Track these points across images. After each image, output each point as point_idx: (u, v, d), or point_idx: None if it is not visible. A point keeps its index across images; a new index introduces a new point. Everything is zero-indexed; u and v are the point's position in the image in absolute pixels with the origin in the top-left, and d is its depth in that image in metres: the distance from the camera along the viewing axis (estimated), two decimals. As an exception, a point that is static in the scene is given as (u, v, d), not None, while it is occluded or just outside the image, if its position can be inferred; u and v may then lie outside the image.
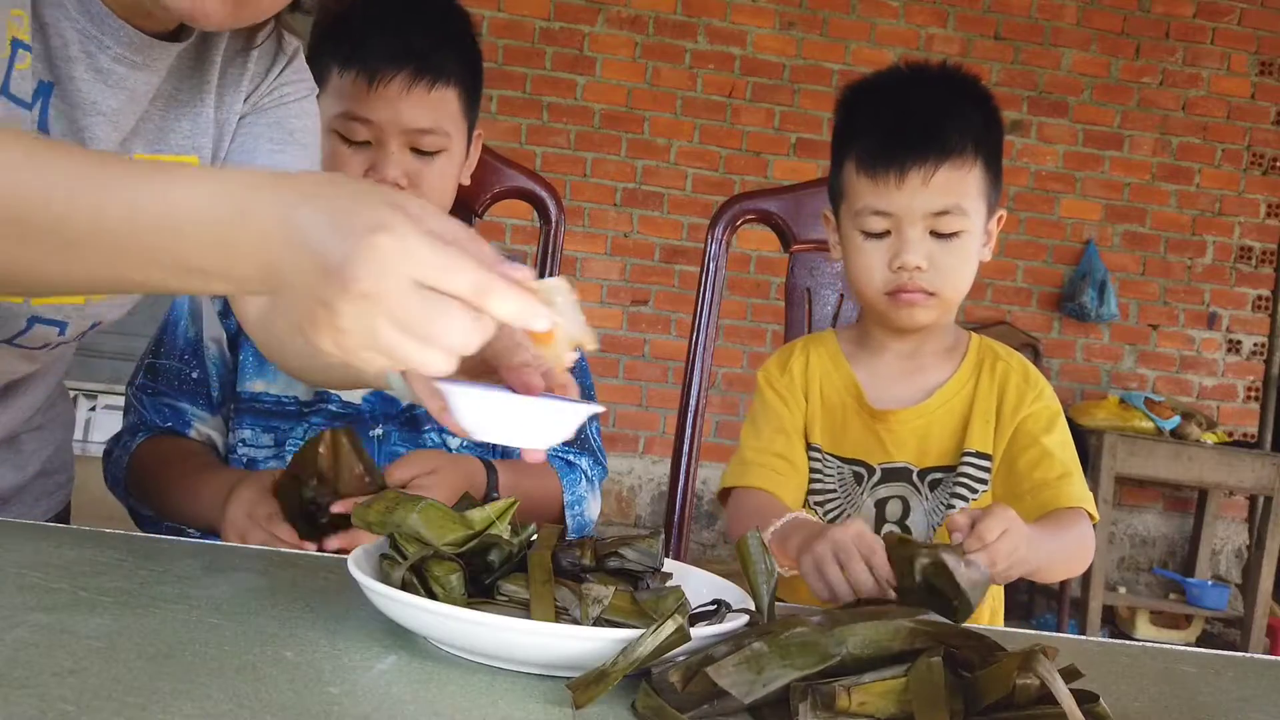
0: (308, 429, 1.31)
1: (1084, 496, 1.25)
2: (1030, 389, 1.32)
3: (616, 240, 4.36)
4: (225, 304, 1.31)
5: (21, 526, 0.99)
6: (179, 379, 1.33)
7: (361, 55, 1.24)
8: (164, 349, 1.34)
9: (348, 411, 1.31)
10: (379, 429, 1.31)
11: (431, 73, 1.26)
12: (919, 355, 1.36)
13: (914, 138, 1.26)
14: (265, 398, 1.31)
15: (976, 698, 0.64)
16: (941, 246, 1.26)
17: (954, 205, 1.26)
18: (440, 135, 1.27)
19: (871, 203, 1.27)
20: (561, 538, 0.89)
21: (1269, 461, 3.97)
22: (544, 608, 0.76)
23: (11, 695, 0.57)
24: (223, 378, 1.34)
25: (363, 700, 0.63)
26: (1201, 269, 4.60)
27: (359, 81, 1.25)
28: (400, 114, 1.25)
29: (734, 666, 0.65)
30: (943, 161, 1.25)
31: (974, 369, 1.35)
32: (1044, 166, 4.51)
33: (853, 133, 1.32)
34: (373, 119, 1.25)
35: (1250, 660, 1.03)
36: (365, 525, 0.84)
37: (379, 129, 1.25)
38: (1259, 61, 4.57)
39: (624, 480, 4.37)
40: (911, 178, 1.25)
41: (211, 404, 1.34)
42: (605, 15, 4.32)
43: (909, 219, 1.25)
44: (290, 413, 1.31)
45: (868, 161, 1.27)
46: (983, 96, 1.34)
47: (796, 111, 4.38)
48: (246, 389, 1.32)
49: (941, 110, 1.29)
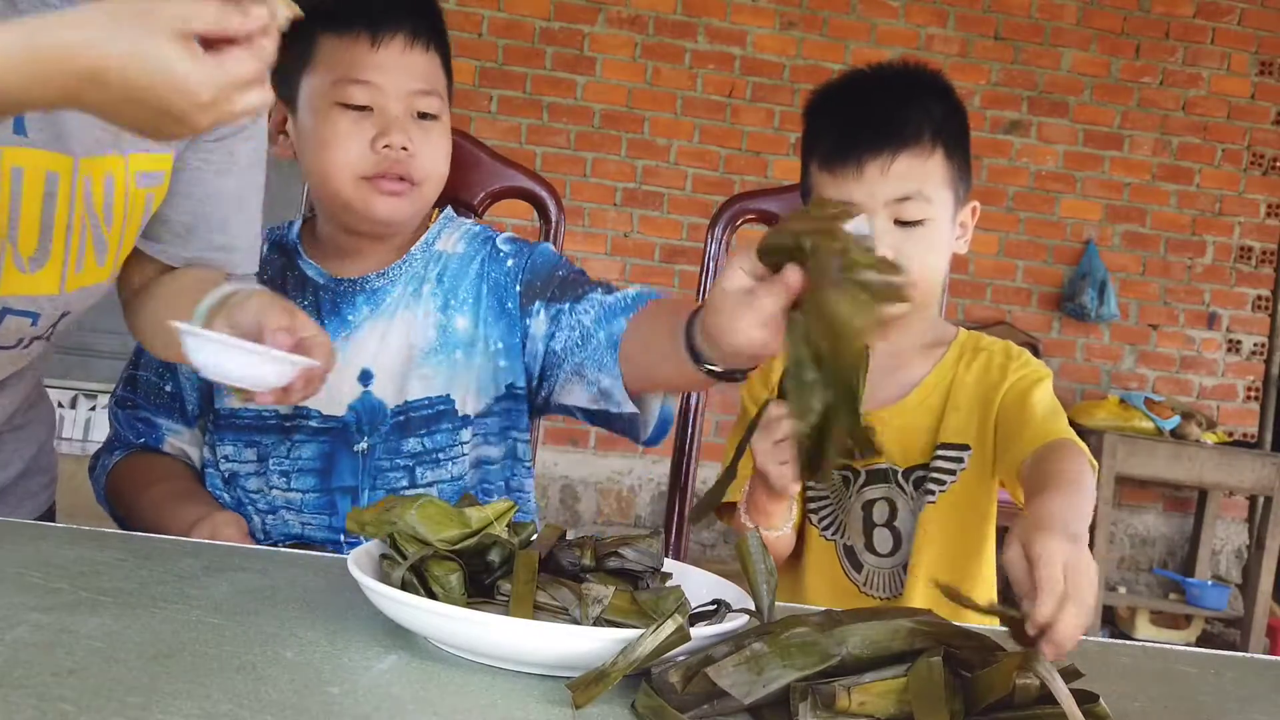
0: (291, 445, 1.27)
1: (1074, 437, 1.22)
2: (1012, 361, 1.32)
3: (616, 240, 4.36)
4: None
5: (21, 526, 0.99)
6: (155, 392, 1.31)
7: (357, 15, 1.22)
8: (143, 359, 1.33)
9: (330, 425, 1.26)
10: (364, 442, 1.27)
11: (425, 33, 1.25)
12: (898, 352, 1.35)
13: (870, 129, 1.26)
14: (245, 413, 1.27)
15: (976, 698, 0.64)
16: (906, 235, 1.25)
17: (915, 191, 1.25)
18: (435, 97, 1.25)
19: (832, 195, 1.27)
20: (562, 538, 0.89)
21: (1269, 461, 3.97)
22: (523, 608, 0.76)
23: (11, 695, 0.57)
24: (200, 390, 1.30)
25: (363, 700, 0.63)
26: (1201, 269, 4.60)
27: (360, 41, 1.22)
28: (402, 74, 1.23)
29: (734, 667, 0.65)
30: (900, 150, 1.25)
31: (953, 363, 1.35)
32: (1044, 166, 4.51)
33: (815, 134, 1.33)
34: (374, 80, 1.22)
35: (1250, 660, 1.03)
36: (360, 528, 0.84)
37: (380, 91, 1.22)
38: (1259, 61, 4.57)
39: (624, 480, 4.37)
40: (869, 168, 1.25)
41: (186, 418, 1.31)
42: (605, 15, 4.32)
43: (870, 209, 1.24)
44: (271, 427, 1.27)
45: (828, 158, 1.28)
46: (942, 89, 1.33)
47: (796, 112, 4.34)
48: (225, 405, 1.28)
49: (898, 103, 1.29)
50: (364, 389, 1.26)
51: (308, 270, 1.31)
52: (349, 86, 1.22)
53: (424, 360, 1.27)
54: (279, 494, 1.27)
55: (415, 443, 1.27)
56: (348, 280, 1.29)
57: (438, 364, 1.27)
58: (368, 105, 1.22)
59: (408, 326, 1.27)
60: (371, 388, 1.26)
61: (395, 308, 1.28)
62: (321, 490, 1.27)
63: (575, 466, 4.33)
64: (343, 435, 1.26)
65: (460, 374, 1.27)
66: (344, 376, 1.24)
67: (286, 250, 1.33)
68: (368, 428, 1.27)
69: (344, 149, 1.22)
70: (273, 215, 1.30)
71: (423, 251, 1.31)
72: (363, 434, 1.27)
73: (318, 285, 1.30)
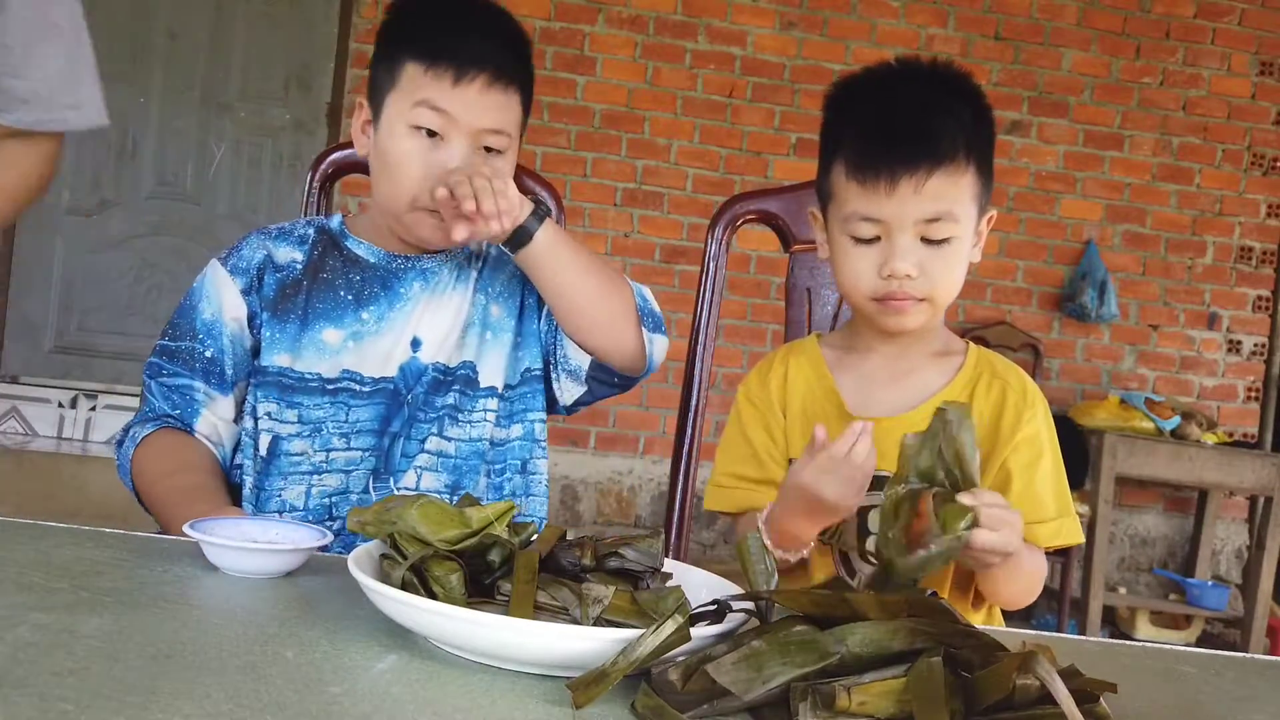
0: (347, 409, 1.34)
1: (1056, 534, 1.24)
2: (1028, 408, 1.29)
3: (617, 240, 4.36)
4: (248, 282, 1.36)
5: (21, 526, 0.99)
6: (192, 356, 1.35)
7: (447, 54, 1.30)
8: (179, 331, 1.37)
9: (382, 385, 1.36)
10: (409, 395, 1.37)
11: (507, 78, 1.33)
12: (907, 358, 1.33)
13: (904, 141, 1.22)
14: (290, 373, 1.34)
15: (976, 698, 0.64)
16: (932, 252, 1.23)
17: (946, 212, 1.22)
18: (505, 136, 1.34)
19: (861, 209, 1.24)
20: (562, 538, 0.89)
21: (1269, 462, 3.97)
22: (523, 608, 0.76)
23: (11, 695, 0.57)
24: (238, 357, 1.36)
25: (363, 700, 0.63)
26: (1202, 269, 4.60)
27: (443, 76, 1.30)
28: (477, 111, 1.31)
29: (733, 664, 0.65)
30: (935, 169, 1.21)
31: (969, 383, 1.31)
32: (1044, 166, 4.51)
33: (841, 133, 1.29)
34: (449, 110, 1.30)
35: (1250, 661, 1.03)
36: (360, 528, 0.84)
37: (453, 122, 1.30)
38: (1259, 62, 4.57)
39: (624, 480, 4.37)
40: (903, 186, 1.21)
41: (224, 382, 1.35)
42: (605, 15, 4.32)
43: (899, 226, 1.22)
44: (314, 389, 1.34)
45: (857, 166, 1.24)
46: (973, 92, 1.29)
47: (797, 111, 4.38)
48: (271, 363, 1.35)
49: (931, 110, 1.24)
50: (413, 354, 1.38)
51: (358, 250, 1.40)
52: (424, 110, 1.30)
53: (463, 334, 1.40)
54: (338, 455, 1.34)
55: (446, 398, 1.38)
56: (401, 257, 1.40)
57: (471, 338, 1.40)
58: (437, 132, 1.31)
59: (455, 304, 1.40)
60: (419, 353, 1.38)
61: (445, 287, 1.40)
62: (376, 449, 1.36)
63: (575, 466, 4.33)
64: (393, 394, 1.36)
65: (488, 351, 1.40)
66: (398, 341, 1.37)
67: (331, 234, 1.42)
68: (413, 382, 1.37)
69: (406, 174, 1.31)
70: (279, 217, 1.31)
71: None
72: (408, 388, 1.37)
73: (369, 263, 1.39)
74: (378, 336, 1.36)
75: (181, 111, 4.32)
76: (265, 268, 1.38)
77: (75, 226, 4.30)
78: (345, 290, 1.37)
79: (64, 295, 4.31)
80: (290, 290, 1.37)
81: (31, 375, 4.28)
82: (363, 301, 1.37)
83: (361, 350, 1.36)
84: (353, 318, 1.36)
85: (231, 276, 1.37)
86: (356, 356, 1.35)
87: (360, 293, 1.37)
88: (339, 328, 1.36)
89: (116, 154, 4.30)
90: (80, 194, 4.30)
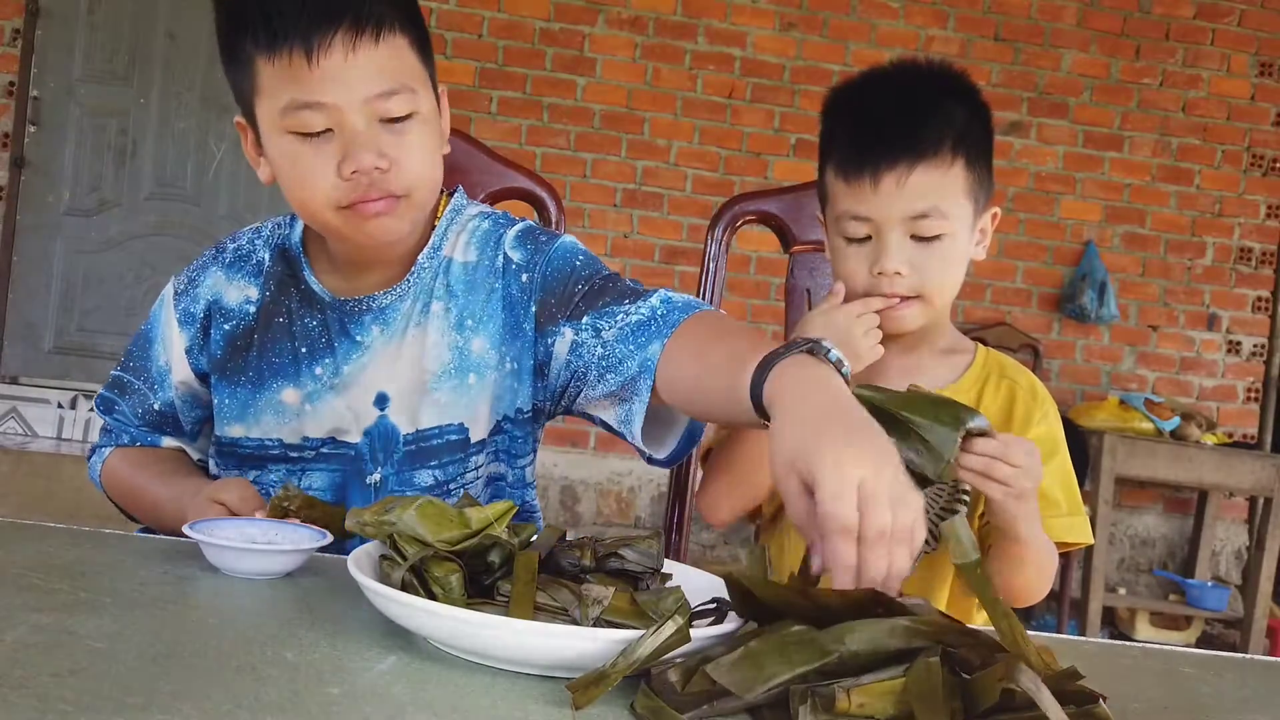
0: (302, 473, 1.21)
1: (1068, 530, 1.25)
2: (1038, 408, 1.29)
3: (616, 241, 4.36)
4: (192, 336, 1.22)
5: (21, 526, 0.99)
6: (142, 407, 1.25)
7: (285, 28, 1.04)
8: (133, 363, 1.26)
9: (343, 452, 1.19)
10: (376, 474, 1.19)
11: (373, 20, 1.05)
12: (915, 355, 1.33)
13: (887, 139, 1.22)
14: (246, 442, 1.21)
15: (974, 700, 0.64)
16: (923, 249, 1.23)
17: (932, 208, 1.22)
18: (402, 94, 1.08)
19: (849, 207, 1.24)
20: (561, 539, 0.89)
21: (1269, 463, 3.97)
22: (523, 608, 0.76)
23: (11, 695, 0.57)
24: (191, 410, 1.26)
25: (363, 700, 0.63)
26: (1201, 270, 4.60)
27: (295, 60, 1.04)
28: (353, 82, 1.05)
29: (733, 664, 0.65)
30: (917, 163, 1.21)
31: (978, 381, 1.32)
32: (1044, 167, 4.51)
33: (833, 136, 1.30)
34: (323, 99, 1.05)
35: (1250, 661, 1.03)
36: (360, 528, 0.83)
37: (336, 110, 1.05)
38: (1259, 62, 4.57)
39: (624, 480, 4.37)
40: (886, 181, 1.21)
41: (180, 430, 1.27)
42: (605, 16, 4.32)
43: (887, 223, 1.22)
44: (275, 457, 1.20)
45: (843, 164, 1.25)
46: (965, 90, 1.28)
47: (796, 112, 4.38)
48: (224, 433, 1.21)
49: (917, 107, 1.24)
50: (380, 413, 1.18)
51: (314, 287, 1.20)
52: (297, 113, 1.06)
53: (437, 384, 1.18)
54: None
55: (428, 474, 1.19)
56: (353, 300, 1.19)
57: (451, 389, 1.18)
58: (325, 128, 1.07)
59: (419, 346, 1.18)
60: (388, 411, 1.18)
61: (405, 326, 1.18)
62: None
63: (575, 467, 4.33)
64: (355, 464, 1.19)
65: (474, 398, 1.18)
66: (361, 401, 1.17)
67: (290, 259, 1.23)
68: (381, 455, 1.18)
69: (312, 184, 1.08)
70: (277, 213, 1.30)
71: (429, 259, 1.20)
72: (376, 464, 1.19)
73: (325, 304, 1.20)
74: (335, 394, 1.18)
75: (181, 112, 4.32)
76: (213, 316, 1.21)
77: (75, 227, 4.30)
78: (301, 340, 1.19)
79: (64, 296, 4.32)
80: (241, 343, 1.20)
81: (31, 376, 4.28)
82: (316, 355, 1.18)
83: (318, 413, 1.18)
84: (308, 374, 1.18)
85: (180, 328, 1.23)
86: (315, 421, 1.18)
87: (315, 343, 1.18)
88: (297, 387, 1.19)
89: (116, 155, 4.30)
90: (80, 194, 4.30)
